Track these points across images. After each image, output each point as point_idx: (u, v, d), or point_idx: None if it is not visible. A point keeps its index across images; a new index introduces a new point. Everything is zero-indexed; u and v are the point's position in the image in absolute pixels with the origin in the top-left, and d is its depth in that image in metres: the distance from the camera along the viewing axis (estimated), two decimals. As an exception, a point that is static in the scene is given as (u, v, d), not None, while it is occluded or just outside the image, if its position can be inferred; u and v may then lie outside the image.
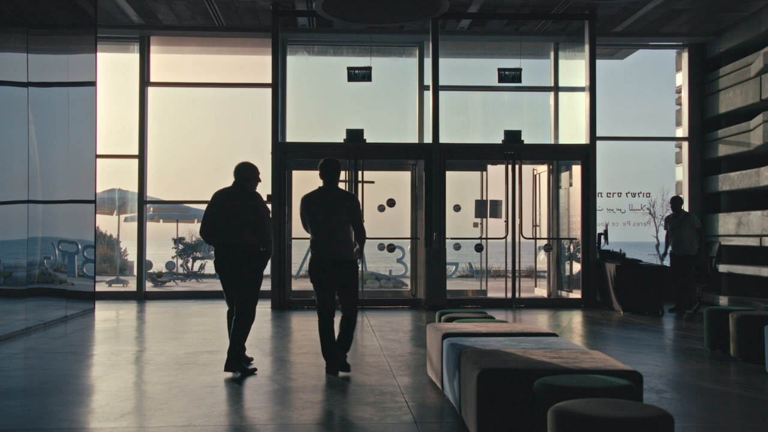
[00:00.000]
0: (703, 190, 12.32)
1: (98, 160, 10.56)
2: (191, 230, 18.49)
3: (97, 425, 4.35)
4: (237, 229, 5.82)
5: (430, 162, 11.12)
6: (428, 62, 11.38)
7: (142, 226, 11.90)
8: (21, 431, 4.26)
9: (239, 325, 5.81)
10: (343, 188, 5.95)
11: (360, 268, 6.13)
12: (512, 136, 11.42)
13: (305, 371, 5.98)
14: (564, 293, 11.93)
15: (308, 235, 6.00)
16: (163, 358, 6.49)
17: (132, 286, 12.95)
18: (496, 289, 12.40)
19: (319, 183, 5.99)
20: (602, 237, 11.26)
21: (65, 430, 4.27)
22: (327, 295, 5.84)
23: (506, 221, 11.43)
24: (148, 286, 12.97)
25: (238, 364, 5.73)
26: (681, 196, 11.49)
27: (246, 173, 6.02)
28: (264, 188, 11.12)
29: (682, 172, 12.72)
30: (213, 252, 6.01)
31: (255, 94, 12.22)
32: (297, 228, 11.18)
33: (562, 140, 12.17)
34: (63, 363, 6.42)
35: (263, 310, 10.50)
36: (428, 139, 11.30)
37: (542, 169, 12.47)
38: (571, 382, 3.49)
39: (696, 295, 10.92)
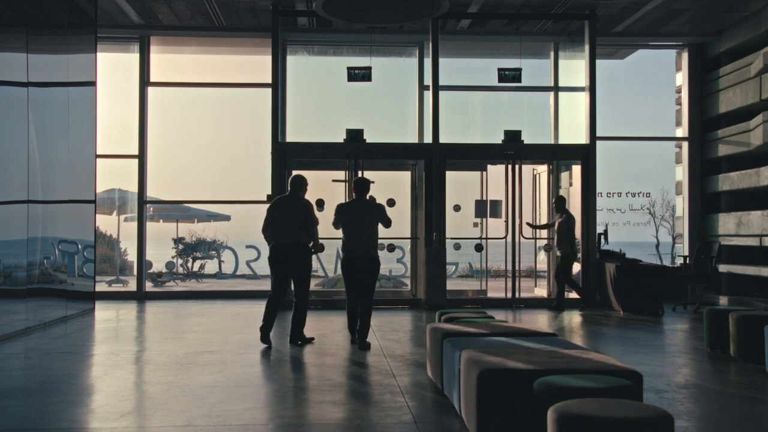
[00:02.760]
0: (703, 190, 12.32)
1: (98, 160, 10.55)
2: (191, 230, 18.51)
3: (97, 425, 4.35)
4: (292, 230, 7.23)
5: (430, 162, 11.12)
6: (428, 62, 11.38)
7: (142, 226, 11.90)
8: (21, 431, 4.26)
9: (298, 309, 7.34)
10: (369, 199, 7.65)
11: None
12: (512, 136, 11.42)
13: (305, 371, 5.98)
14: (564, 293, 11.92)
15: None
16: (163, 358, 6.48)
17: (132, 286, 12.94)
18: (496, 289, 12.39)
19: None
20: (602, 237, 11.27)
21: (65, 430, 4.27)
22: (355, 290, 7.33)
23: (506, 221, 11.43)
24: (148, 286, 12.96)
25: (298, 338, 7.32)
26: (563, 195, 11.51)
27: (297, 184, 7.49)
28: (264, 188, 11.20)
29: (682, 172, 12.72)
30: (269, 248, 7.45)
31: (255, 94, 12.21)
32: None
33: (562, 140, 12.17)
34: (63, 363, 6.42)
35: (263, 310, 10.47)
36: (428, 139, 11.30)
37: (542, 169, 12.47)
38: (571, 382, 3.48)
39: (696, 295, 10.95)
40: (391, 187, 11.95)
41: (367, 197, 7.58)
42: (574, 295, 11.49)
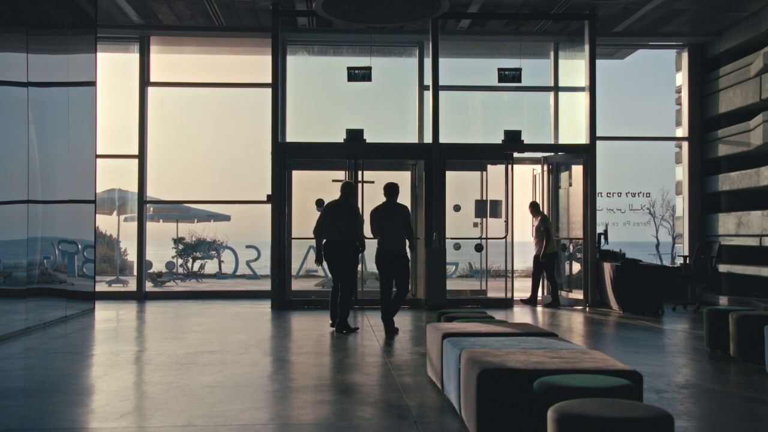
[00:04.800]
0: (703, 190, 12.32)
1: (98, 160, 10.55)
2: (191, 230, 18.50)
3: (97, 425, 4.35)
4: (341, 230, 8.07)
5: (430, 162, 11.12)
6: (428, 62, 11.38)
7: (142, 226, 11.90)
8: (21, 431, 4.26)
9: (343, 297, 8.09)
10: (400, 202, 8.33)
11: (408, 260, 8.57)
12: (512, 136, 11.42)
13: (305, 371, 5.98)
14: (564, 293, 11.92)
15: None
16: (163, 358, 6.49)
17: (132, 286, 12.94)
18: (496, 289, 12.38)
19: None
20: (602, 237, 11.27)
21: (65, 430, 4.27)
22: (388, 281, 8.08)
23: (506, 221, 11.44)
24: (148, 286, 12.96)
25: (344, 327, 8.04)
26: (537, 201, 11.79)
27: (347, 190, 8.36)
28: (264, 188, 11.20)
29: (682, 172, 12.72)
30: (322, 245, 8.31)
31: (255, 94, 12.21)
32: (297, 228, 11.20)
33: (562, 140, 12.16)
34: (63, 363, 6.42)
35: (263, 310, 10.51)
36: (428, 139, 11.30)
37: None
38: (571, 382, 3.48)
39: (696, 295, 10.95)
40: (391, 187, 11.92)
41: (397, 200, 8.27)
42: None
